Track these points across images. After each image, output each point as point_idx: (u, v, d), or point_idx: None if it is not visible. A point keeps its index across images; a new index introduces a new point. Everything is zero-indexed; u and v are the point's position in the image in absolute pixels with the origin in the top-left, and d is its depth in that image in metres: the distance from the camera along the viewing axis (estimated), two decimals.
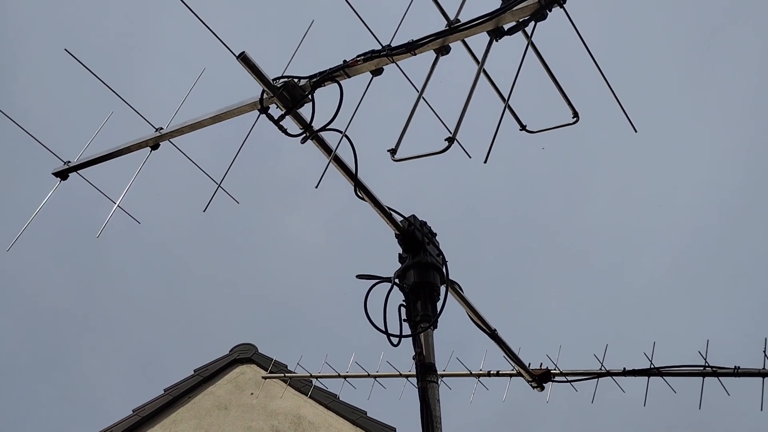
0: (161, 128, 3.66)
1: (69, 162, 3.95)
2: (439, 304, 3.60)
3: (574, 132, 2.84)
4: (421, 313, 3.52)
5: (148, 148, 3.70)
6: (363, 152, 3.05)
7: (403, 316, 3.52)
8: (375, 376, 5.73)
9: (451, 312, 3.70)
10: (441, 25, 2.82)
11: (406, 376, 5.56)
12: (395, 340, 3.45)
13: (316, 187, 2.64)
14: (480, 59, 2.75)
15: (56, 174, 3.98)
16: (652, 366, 4.54)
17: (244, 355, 8.26)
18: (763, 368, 4.27)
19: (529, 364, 4.86)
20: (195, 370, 8.18)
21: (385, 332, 3.41)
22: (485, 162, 2.23)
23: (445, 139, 2.50)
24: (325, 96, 3.01)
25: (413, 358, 3.53)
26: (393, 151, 2.69)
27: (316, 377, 6.24)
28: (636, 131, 2.78)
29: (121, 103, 3.57)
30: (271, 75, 3.10)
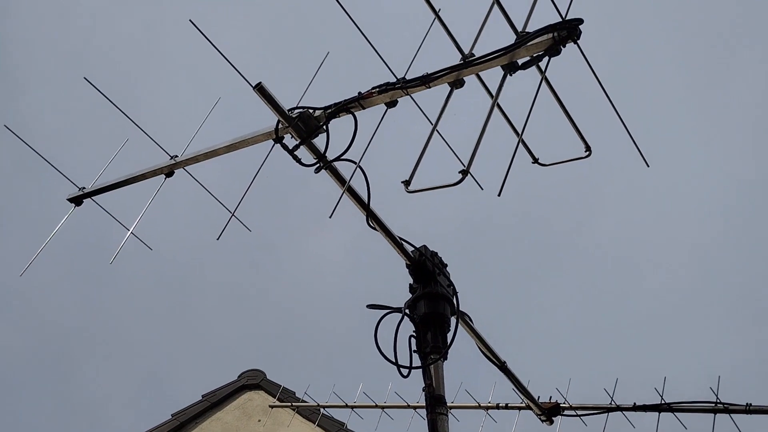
0: (176, 156, 3.70)
1: (84, 188, 3.99)
2: (449, 336, 3.59)
3: (585, 162, 2.86)
4: (432, 345, 3.51)
5: (163, 176, 3.74)
6: (376, 181, 3.08)
7: (413, 347, 3.51)
8: (383, 407, 5.70)
9: (459, 343, 3.69)
10: (455, 57, 2.86)
11: (415, 407, 5.53)
12: (405, 372, 3.43)
13: (330, 217, 2.66)
14: (493, 91, 2.78)
15: (71, 200, 4.02)
16: (662, 401, 4.50)
17: (253, 381, 8.27)
18: None
19: (539, 397, 4.82)
20: (203, 396, 8.20)
21: (395, 363, 3.40)
22: (499, 195, 2.25)
23: (459, 172, 2.52)
24: (340, 126, 3.05)
25: (423, 390, 3.52)
26: (407, 183, 2.71)
27: (324, 407, 6.22)
28: (648, 166, 2.79)
29: (135, 128, 3.63)
30: (285, 104, 3.14)
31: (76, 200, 4.02)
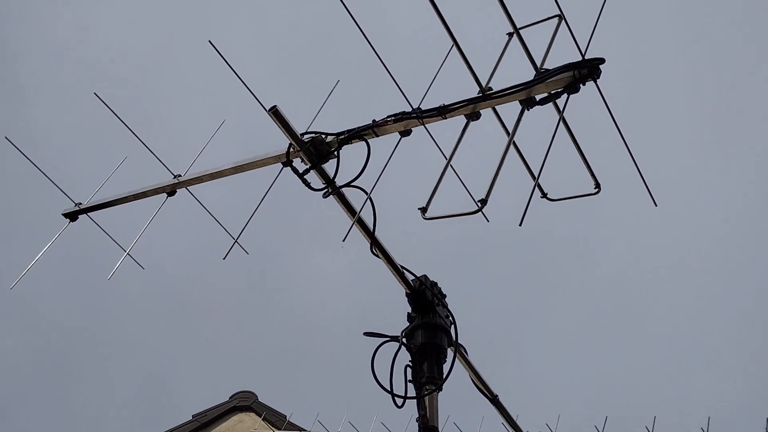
0: (179, 175, 3.68)
1: (80, 204, 3.95)
2: (445, 367, 3.58)
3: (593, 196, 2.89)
4: (427, 375, 3.49)
5: (165, 194, 3.71)
6: (383, 204, 3.08)
7: (409, 377, 3.50)
8: None
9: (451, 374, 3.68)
10: (469, 89, 2.89)
11: None
12: (400, 402, 3.42)
13: (344, 239, 2.66)
14: (509, 126, 2.81)
15: (66, 215, 3.98)
16: None
17: (244, 403, 8.22)
18: None
19: None
20: (193, 416, 8.15)
21: (391, 392, 3.39)
22: (520, 225, 2.27)
23: (478, 201, 2.53)
24: (351, 152, 3.06)
25: (417, 420, 3.49)
26: (423, 210, 2.72)
27: None
28: (656, 205, 2.83)
29: (140, 145, 3.62)
30: (297, 129, 3.14)
31: (72, 216, 3.98)
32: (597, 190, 2.96)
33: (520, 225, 2.25)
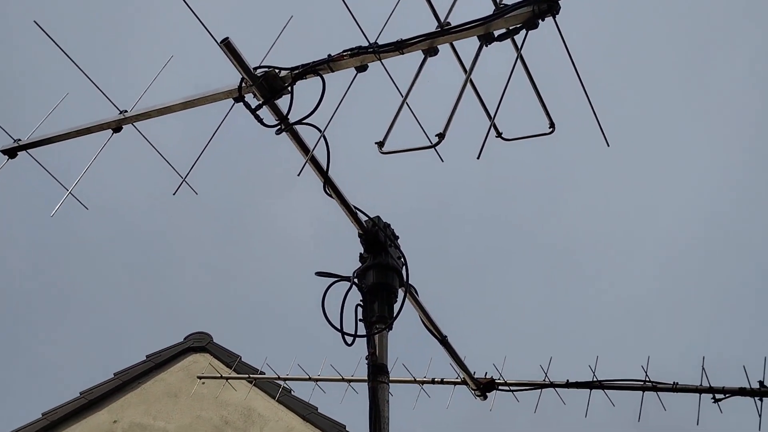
0: (125, 111, 3.57)
1: (19, 140, 3.83)
2: (396, 307, 3.62)
3: (553, 140, 2.90)
4: (378, 314, 3.53)
5: (110, 131, 3.60)
6: (340, 146, 3.04)
7: (360, 316, 3.53)
8: (316, 380, 5.67)
9: (400, 316, 3.71)
10: (427, 23, 2.85)
11: (348, 381, 5.53)
12: (349, 340, 3.45)
13: (298, 174, 2.62)
14: (466, 62, 2.78)
15: (4, 152, 3.86)
16: (594, 379, 4.65)
17: (198, 344, 8.25)
18: (701, 385, 4.43)
19: (474, 372, 4.90)
20: (147, 356, 8.14)
21: (341, 330, 3.41)
22: (478, 158, 2.26)
23: (436, 135, 2.52)
24: (307, 89, 2.99)
25: (366, 359, 3.54)
26: (381, 144, 2.69)
27: (256, 378, 6.17)
28: (608, 145, 2.85)
29: (85, 80, 3.48)
30: (248, 63, 3.05)
31: (10, 152, 3.88)
32: (551, 129, 2.97)
33: (478, 158, 2.25)
